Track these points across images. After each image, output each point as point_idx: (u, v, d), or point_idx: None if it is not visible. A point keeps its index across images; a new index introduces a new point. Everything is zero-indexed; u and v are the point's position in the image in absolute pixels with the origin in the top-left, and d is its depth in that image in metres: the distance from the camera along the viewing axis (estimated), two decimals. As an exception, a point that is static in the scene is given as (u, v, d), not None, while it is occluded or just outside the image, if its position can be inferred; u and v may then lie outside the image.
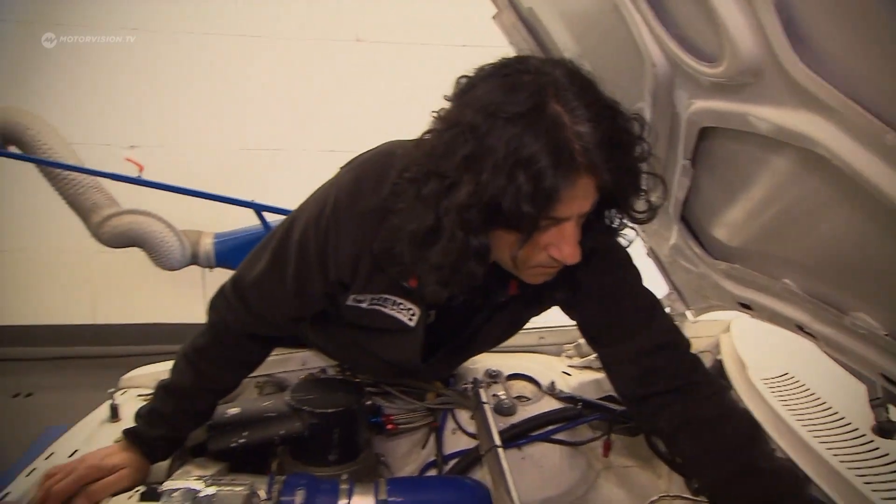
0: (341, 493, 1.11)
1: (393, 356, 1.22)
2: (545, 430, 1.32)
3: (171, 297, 3.67)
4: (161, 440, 1.15)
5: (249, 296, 1.14)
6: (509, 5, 1.28)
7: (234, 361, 1.22)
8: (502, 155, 0.79)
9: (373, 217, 1.00)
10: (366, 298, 1.12)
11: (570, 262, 0.88)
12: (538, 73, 0.83)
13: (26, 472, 1.14)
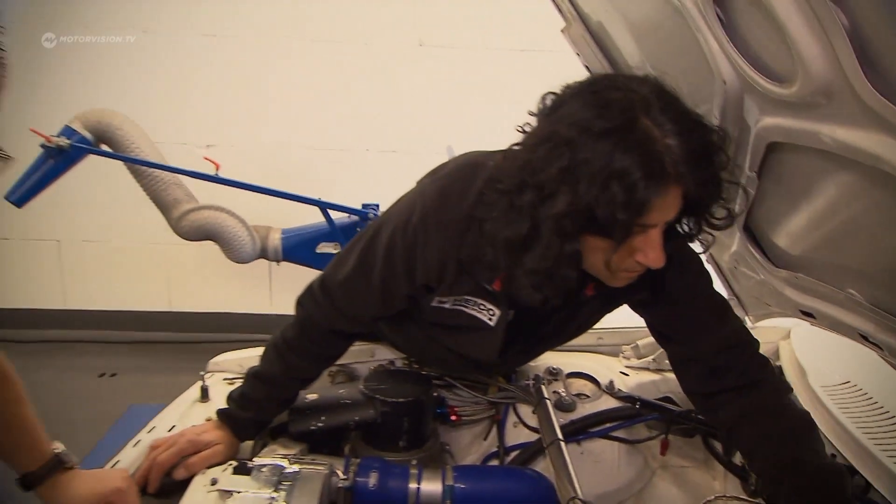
0: (411, 476, 1.17)
1: (471, 352, 1.27)
2: (604, 427, 1.36)
3: (239, 288, 3.85)
4: (250, 422, 1.23)
5: (336, 295, 1.21)
6: (578, 18, 1.31)
7: (318, 354, 1.29)
8: (597, 167, 0.84)
9: (459, 225, 1.06)
10: (449, 300, 1.18)
11: (656, 266, 0.93)
12: (627, 91, 0.88)
13: (133, 443, 1.25)
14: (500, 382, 1.45)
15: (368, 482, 1.15)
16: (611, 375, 1.49)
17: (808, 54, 0.64)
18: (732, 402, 1.13)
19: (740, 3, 0.73)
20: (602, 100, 0.88)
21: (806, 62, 0.65)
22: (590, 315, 1.29)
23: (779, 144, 0.89)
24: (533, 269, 0.94)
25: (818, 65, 0.64)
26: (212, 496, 1.07)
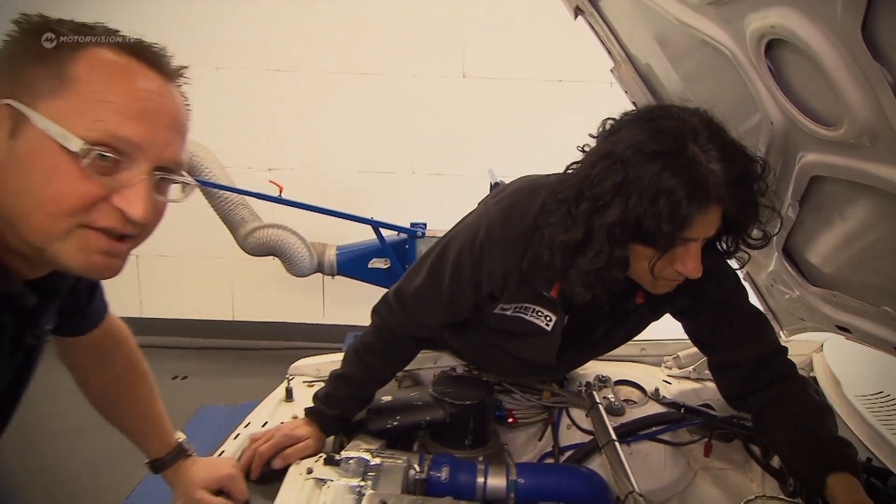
0: (479, 471, 1.23)
1: (530, 356, 1.32)
2: (651, 430, 1.39)
3: (295, 300, 3.95)
4: (336, 419, 1.31)
5: (409, 304, 1.29)
6: (628, 60, 1.37)
7: (393, 357, 1.37)
8: (647, 184, 0.92)
9: (521, 241, 1.13)
10: (510, 307, 1.25)
11: (693, 276, 0.99)
12: (679, 120, 0.96)
13: (233, 436, 1.34)
14: (553, 388, 1.50)
15: (441, 476, 1.21)
16: (655, 383, 1.53)
17: (855, 103, 0.70)
18: (761, 393, 1.19)
19: (791, 58, 0.79)
20: (656, 126, 0.97)
21: (853, 109, 0.71)
22: (637, 322, 1.35)
23: (821, 177, 0.95)
24: (586, 270, 1.02)
25: (864, 113, 0.70)
26: (308, 483, 1.15)
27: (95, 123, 0.67)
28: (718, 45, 0.93)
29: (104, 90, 0.68)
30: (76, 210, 0.68)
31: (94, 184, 0.68)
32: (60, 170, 0.66)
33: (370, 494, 1.09)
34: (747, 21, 0.80)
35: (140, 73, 0.71)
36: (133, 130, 0.68)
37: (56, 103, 0.67)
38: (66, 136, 0.65)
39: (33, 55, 0.68)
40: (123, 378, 1.09)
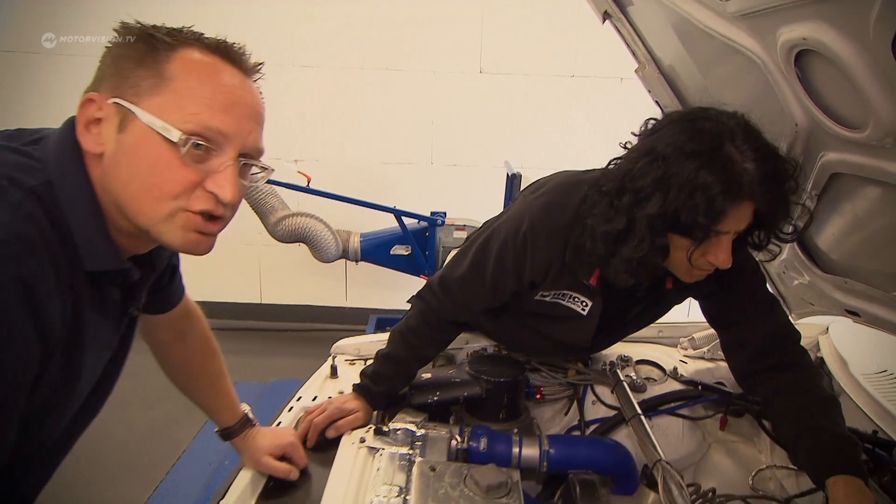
0: (514, 442, 1.27)
1: (565, 338, 1.37)
2: (671, 406, 1.44)
3: (319, 284, 4.03)
4: (382, 394, 1.36)
5: (453, 290, 1.34)
6: (651, 61, 1.40)
7: (436, 339, 1.42)
8: (686, 179, 0.97)
9: (562, 232, 1.18)
10: (550, 294, 1.30)
11: (724, 266, 1.04)
12: (717, 122, 1.00)
13: (287, 409, 1.41)
14: (578, 367, 1.56)
15: (479, 446, 1.26)
16: (672, 363, 1.58)
17: (881, 109, 0.74)
18: (771, 379, 1.21)
19: (819, 65, 0.83)
20: (695, 127, 1.01)
21: (878, 114, 0.75)
22: (665, 305, 1.40)
23: (840, 173, 0.99)
24: (628, 258, 1.07)
25: (889, 117, 0.74)
26: (362, 451, 1.21)
27: (190, 116, 0.72)
28: (747, 51, 0.97)
29: (196, 86, 0.74)
30: (178, 194, 0.74)
31: (191, 170, 0.73)
32: (163, 158, 0.72)
33: (420, 461, 1.15)
34: (779, 32, 0.84)
35: (224, 70, 0.76)
36: (221, 121, 0.74)
37: (156, 100, 0.73)
38: (167, 128, 0.71)
39: (137, 58, 0.74)
40: (198, 354, 1.16)
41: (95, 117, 0.75)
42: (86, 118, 0.75)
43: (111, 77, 0.75)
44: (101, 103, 0.74)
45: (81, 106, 0.75)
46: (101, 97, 0.74)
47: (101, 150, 0.75)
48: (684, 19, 1.08)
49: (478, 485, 1.07)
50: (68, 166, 0.75)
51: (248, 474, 1.17)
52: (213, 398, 1.18)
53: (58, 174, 0.74)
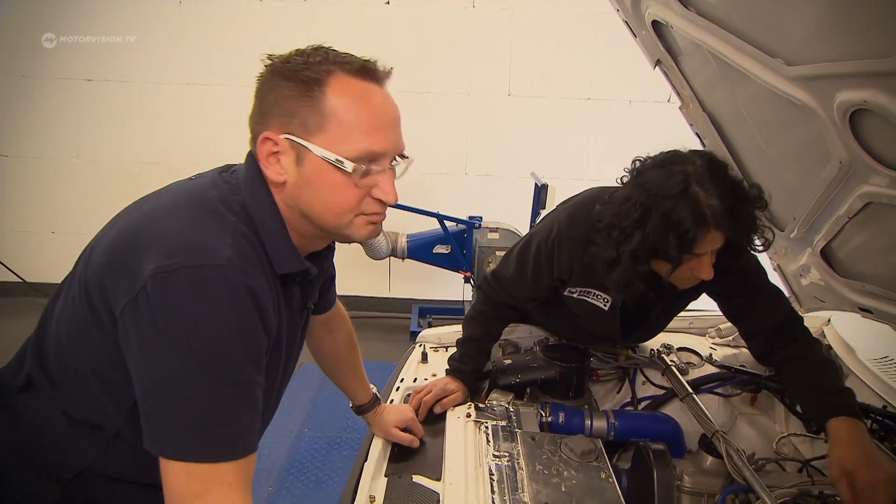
0: (586, 415, 1.37)
1: (595, 329, 1.49)
2: (710, 385, 1.53)
3: (366, 276, 4.10)
4: (471, 371, 1.47)
5: (504, 282, 1.47)
6: (696, 100, 1.47)
7: (498, 316, 1.54)
8: (660, 219, 1.09)
9: (582, 239, 1.29)
10: (576, 291, 1.41)
11: (706, 279, 1.16)
12: (687, 164, 1.11)
13: (395, 387, 1.51)
14: (628, 353, 1.66)
15: (559, 419, 1.35)
16: (705, 350, 1.68)
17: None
18: (780, 352, 1.31)
19: (872, 119, 0.90)
20: (668, 172, 1.12)
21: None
22: (682, 303, 1.50)
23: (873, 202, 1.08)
24: (616, 280, 1.20)
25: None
26: (469, 424, 1.31)
27: (355, 145, 0.76)
28: (800, 103, 1.03)
29: (354, 117, 0.76)
30: (353, 208, 0.80)
31: (360, 187, 0.79)
32: (338, 184, 0.77)
33: (521, 432, 1.25)
34: (838, 93, 0.91)
35: (371, 91, 0.78)
36: (380, 143, 0.78)
37: (323, 136, 0.76)
38: (340, 161, 0.75)
39: (296, 98, 0.76)
40: (343, 346, 1.25)
41: (273, 151, 0.78)
42: (265, 153, 0.78)
43: (278, 115, 0.77)
44: (276, 139, 0.77)
45: (260, 143, 0.78)
46: (273, 133, 0.77)
47: (283, 178, 0.79)
48: (740, 73, 1.14)
49: (573, 451, 1.17)
50: (257, 189, 0.80)
51: (380, 442, 1.27)
52: (353, 381, 1.28)
53: (249, 197, 0.80)
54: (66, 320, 0.80)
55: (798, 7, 0.92)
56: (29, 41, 3.45)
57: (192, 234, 0.72)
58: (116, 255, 0.74)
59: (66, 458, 0.82)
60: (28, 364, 0.84)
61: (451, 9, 3.59)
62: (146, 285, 0.68)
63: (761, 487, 1.06)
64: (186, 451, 0.69)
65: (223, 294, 0.69)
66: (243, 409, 0.72)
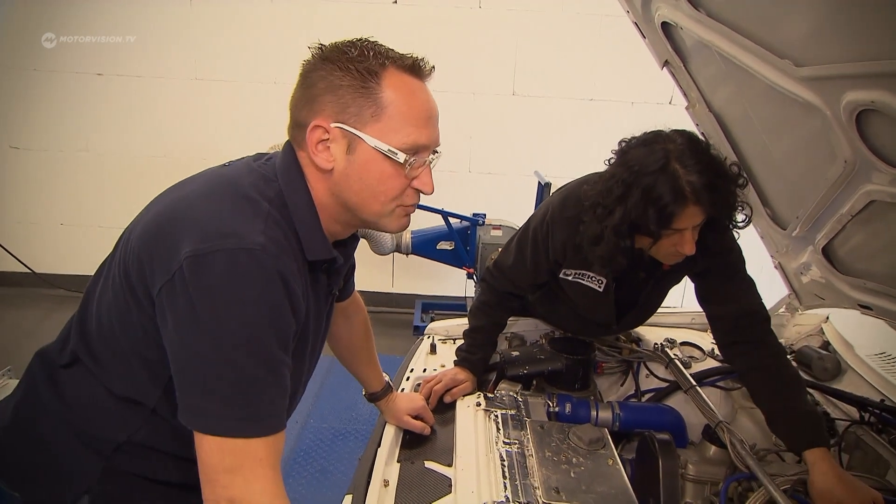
0: (592, 406, 1.40)
1: (593, 315, 1.51)
2: (713, 378, 1.54)
3: (370, 272, 4.10)
4: (480, 361, 1.49)
5: (506, 270, 1.50)
6: (703, 100, 1.49)
7: (504, 306, 1.56)
8: (640, 195, 1.10)
9: (573, 221, 1.32)
10: (571, 273, 1.43)
11: (688, 253, 1.17)
12: (668, 142, 1.13)
13: (405, 377, 1.52)
14: (632, 347, 1.68)
15: (566, 409, 1.38)
16: (707, 344, 1.70)
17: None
18: (744, 354, 1.30)
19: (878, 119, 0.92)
20: (650, 150, 1.14)
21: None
22: (668, 283, 1.50)
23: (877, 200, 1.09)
24: (600, 255, 1.22)
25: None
26: (479, 413, 1.33)
27: (405, 137, 0.78)
28: (806, 102, 1.05)
29: (406, 111, 0.78)
30: (397, 196, 0.82)
31: (405, 177, 0.81)
32: (387, 173, 0.79)
33: (530, 421, 1.27)
34: (846, 93, 0.92)
35: (419, 88, 0.81)
36: (426, 137, 0.81)
37: (377, 126, 0.78)
38: (393, 152, 0.78)
39: (353, 88, 0.77)
40: (359, 334, 1.27)
41: (322, 138, 0.79)
42: (315, 140, 0.79)
43: (330, 104, 0.78)
44: (327, 126, 0.78)
45: (310, 131, 0.79)
46: (325, 121, 0.78)
47: (331, 166, 0.80)
48: (747, 74, 1.16)
49: (580, 439, 1.19)
50: (293, 178, 0.82)
51: (392, 429, 1.29)
52: (367, 369, 1.29)
53: (286, 184, 0.81)
54: (107, 301, 0.83)
55: (807, 9, 0.94)
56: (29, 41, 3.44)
57: (227, 219, 0.73)
58: (153, 238, 0.76)
59: (107, 431, 0.84)
60: (72, 342, 0.87)
61: (457, 9, 3.59)
62: (182, 267, 0.70)
63: (764, 475, 1.08)
64: (217, 426, 0.71)
65: (256, 277, 0.71)
66: (271, 389, 0.74)
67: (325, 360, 1.31)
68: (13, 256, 3.96)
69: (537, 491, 1.04)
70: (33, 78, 3.72)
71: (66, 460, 0.85)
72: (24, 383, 0.90)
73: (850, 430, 1.31)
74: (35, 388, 0.88)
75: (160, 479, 0.88)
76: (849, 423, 1.33)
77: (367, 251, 3.49)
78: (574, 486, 1.05)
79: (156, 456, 0.86)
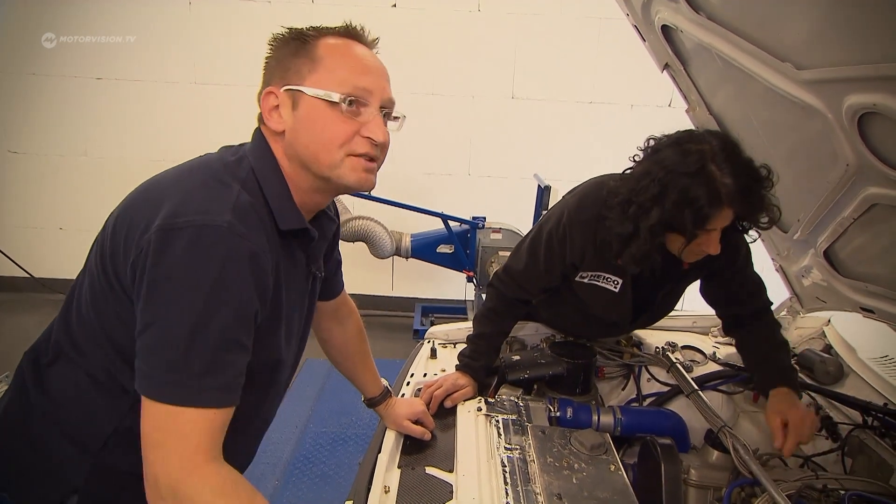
0: (593, 411, 1.38)
1: (605, 315, 1.50)
2: (714, 383, 1.54)
3: (370, 275, 4.11)
4: (482, 367, 1.47)
5: (517, 276, 1.48)
6: (703, 103, 1.48)
7: (510, 314, 1.55)
8: (677, 195, 1.11)
9: (592, 223, 1.32)
10: (587, 275, 1.43)
11: (714, 253, 1.19)
12: (702, 143, 1.14)
13: (405, 381, 1.51)
14: (633, 351, 1.67)
15: (567, 414, 1.36)
16: (709, 349, 1.69)
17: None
18: (742, 325, 1.44)
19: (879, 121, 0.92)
20: (685, 150, 1.14)
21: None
22: (687, 283, 1.52)
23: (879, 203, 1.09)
24: (633, 254, 1.21)
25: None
26: (480, 418, 1.32)
27: (342, 81, 0.83)
28: (807, 105, 1.05)
29: (340, 60, 0.84)
30: (343, 142, 0.83)
31: (350, 122, 0.83)
32: (329, 118, 0.82)
33: (531, 426, 1.26)
34: (847, 97, 0.92)
35: (356, 46, 0.87)
36: (364, 81, 0.84)
37: (314, 77, 0.83)
38: (329, 94, 0.82)
39: (293, 52, 0.85)
40: (353, 338, 1.26)
41: (274, 105, 0.85)
42: (268, 107, 0.86)
43: (278, 72, 0.85)
44: (277, 93, 0.84)
45: (263, 98, 0.86)
46: (275, 88, 0.85)
47: (282, 128, 0.85)
48: (747, 77, 1.16)
49: (582, 444, 1.18)
50: (261, 151, 0.86)
51: (392, 434, 1.28)
52: (363, 374, 1.28)
53: (255, 159, 0.85)
54: (86, 288, 0.85)
55: (808, 12, 0.93)
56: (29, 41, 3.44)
57: (197, 197, 0.76)
58: (126, 219, 0.79)
59: (94, 424, 0.85)
60: (55, 332, 0.89)
61: (456, 12, 3.60)
62: (151, 239, 0.73)
63: (767, 480, 1.07)
64: (156, 390, 0.73)
65: (220, 253, 0.73)
66: (218, 364, 0.74)
67: (323, 364, 1.31)
68: (12, 261, 3.95)
69: (539, 497, 1.03)
70: (33, 82, 3.72)
71: (54, 460, 0.86)
72: (13, 385, 0.91)
73: (854, 433, 1.30)
74: (23, 388, 0.89)
75: None
76: (852, 426, 1.32)
77: (367, 255, 3.49)
78: (576, 492, 1.04)
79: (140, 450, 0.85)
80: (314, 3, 3.58)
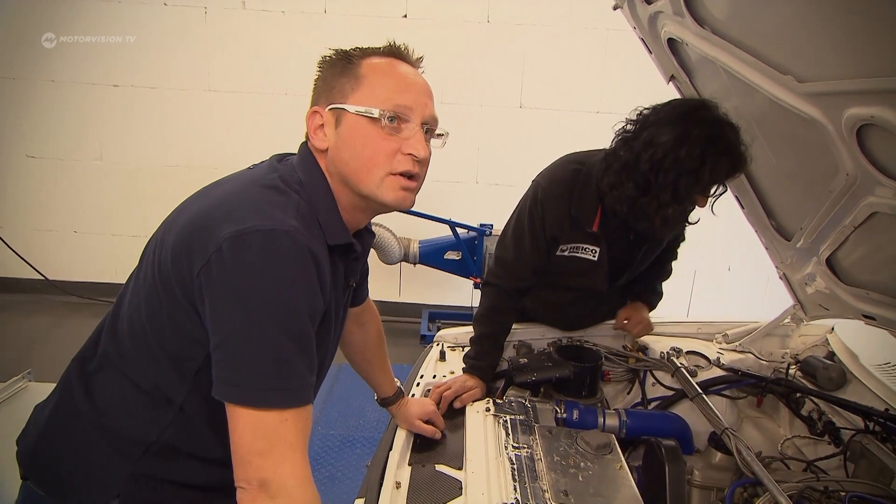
0: (599, 413, 1.41)
1: (587, 284, 1.57)
2: (717, 387, 1.57)
3: (377, 281, 4.13)
4: (488, 367, 1.51)
5: (508, 263, 1.54)
6: None
7: (509, 307, 1.58)
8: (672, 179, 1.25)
9: (565, 195, 1.43)
10: (567, 248, 1.50)
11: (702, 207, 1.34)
12: (713, 111, 1.26)
13: (415, 383, 1.55)
14: (639, 356, 1.70)
15: (573, 416, 1.39)
16: (713, 354, 1.72)
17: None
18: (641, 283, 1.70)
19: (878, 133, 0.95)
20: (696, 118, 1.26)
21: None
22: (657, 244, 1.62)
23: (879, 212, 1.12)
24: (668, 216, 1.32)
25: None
26: (488, 418, 1.35)
27: (384, 98, 0.84)
28: (808, 117, 1.08)
29: (382, 78, 0.86)
30: (385, 160, 0.85)
31: (391, 140, 0.85)
32: (370, 134, 0.84)
33: (538, 426, 1.29)
34: (847, 109, 0.96)
35: (399, 64, 0.89)
36: (405, 98, 0.85)
37: (356, 95, 0.85)
38: (369, 110, 0.84)
39: (338, 72, 0.88)
40: (373, 341, 1.30)
41: (319, 124, 0.88)
42: (313, 125, 0.89)
43: (324, 92, 0.88)
44: (322, 112, 0.88)
45: (309, 117, 0.89)
46: (320, 108, 0.88)
47: (326, 145, 0.88)
48: (750, 89, 1.19)
49: (588, 444, 1.21)
50: (310, 167, 0.89)
51: (403, 433, 1.31)
52: (380, 374, 1.32)
53: (304, 174, 0.88)
54: (138, 299, 0.86)
55: (809, 26, 0.97)
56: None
57: (263, 205, 0.79)
58: (190, 233, 0.79)
59: (138, 432, 0.87)
60: (103, 343, 0.90)
61: (466, 23, 3.66)
62: (221, 247, 0.74)
63: (769, 481, 1.10)
64: (248, 396, 0.73)
65: (291, 255, 0.75)
66: (302, 363, 0.77)
67: (332, 368, 1.35)
68: (27, 263, 4.03)
69: (546, 494, 1.06)
70: (49, 89, 3.81)
71: (97, 465, 0.87)
72: (59, 390, 0.93)
73: (856, 438, 1.32)
74: (69, 394, 0.91)
75: (186, 482, 0.90)
76: (854, 432, 1.34)
77: (375, 261, 3.53)
78: (582, 489, 1.07)
79: (182, 457, 0.88)
80: (326, 14, 3.66)
